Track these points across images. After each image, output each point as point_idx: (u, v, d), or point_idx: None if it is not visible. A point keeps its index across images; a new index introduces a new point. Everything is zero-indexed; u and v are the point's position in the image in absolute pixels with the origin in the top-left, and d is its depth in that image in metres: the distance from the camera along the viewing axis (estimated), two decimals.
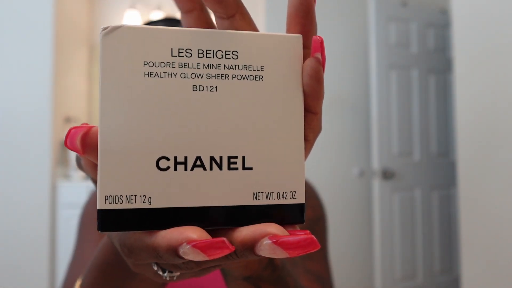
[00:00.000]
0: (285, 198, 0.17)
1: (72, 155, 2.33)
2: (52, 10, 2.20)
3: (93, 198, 0.59)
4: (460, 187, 1.50)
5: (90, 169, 0.19)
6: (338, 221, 2.39)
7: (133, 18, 2.68)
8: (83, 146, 0.17)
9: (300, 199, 0.18)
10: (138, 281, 0.27)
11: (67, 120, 2.41)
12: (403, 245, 2.28)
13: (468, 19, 1.47)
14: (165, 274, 0.22)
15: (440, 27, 2.46)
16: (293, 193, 0.18)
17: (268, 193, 0.17)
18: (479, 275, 1.40)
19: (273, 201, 0.17)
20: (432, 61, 2.42)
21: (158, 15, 2.68)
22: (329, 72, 2.48)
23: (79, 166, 0.23)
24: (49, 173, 2.17)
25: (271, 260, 0.28)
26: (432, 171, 2.39)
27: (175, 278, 0.23)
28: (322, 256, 0.55)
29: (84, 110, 2.72)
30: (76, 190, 2.24)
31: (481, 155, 1.41)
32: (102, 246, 0.29)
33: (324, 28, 2.50)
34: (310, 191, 0.60)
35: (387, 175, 2.23)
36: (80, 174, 2.34)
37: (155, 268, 0.22)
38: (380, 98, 2.24)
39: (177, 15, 2.72)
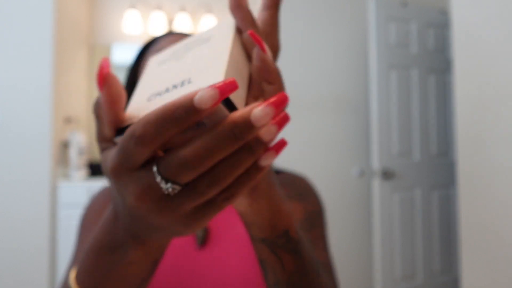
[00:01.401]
0: None
1: (72, 155, 2.33)
2: (52, 10, 2.20)
3: (93, 202, 0.60)
4: (460, 187, 1.50)
5: (104, 110, 0.23)
6: (339, 221, 2.39)
7: (133, 18, 2.68)
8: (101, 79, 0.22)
9: None
10: (128, 263, 0.27)
11: (67, 120, 2.41)
12: (403, 245, 2.28)
13: (467, 20, 1.47)
14: (168, 185, 0.21)
15: (440, 27, 2.46)
16: None
17: None
18: (479, 275, 1.40)
19: None
20: (432, 61, 2.42)
21: (159, 16, 2.68)
22: (330, 73, 2.48)
23: (96, 112, 0.25)
24: (49, 173, 2.17)
25: (286, 232, 0.33)
26: (432, 171, 2.39)
27: (176, 191, 0.22)
28: (324, 246, 0.58)
29: (84, 110, 2.71)
30: (76, 190, 2.24)
31: (480, 155, 1.41)
32: (96, 232, 0.29)
33: (324, 29, 2.50)
34: (309, 188, 0.63)
35: (387, 175, 2.23)
36: (80, 174, 2.34)
37: (158, 179, 0.21)
38: (380, 98, 2.25)
39: (177, 15, 2.72)
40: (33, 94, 2.17)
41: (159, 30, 2.72)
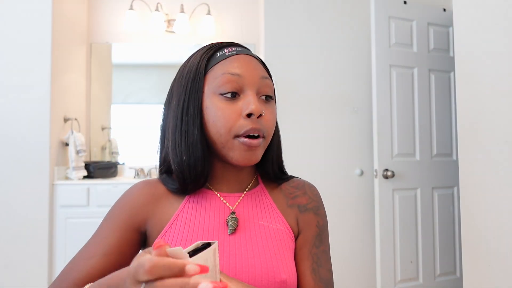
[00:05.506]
0: None
1: (71, 155, 2.32)
2: (51, 10, 2.20)
3: (127, 193, 0.67)
4: (461, 187, 1.48)
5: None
6: (342, 223, 2.37)
7: (132, 18, 2.68)
8: None
9: None
10: None
11: (66, 120, 2.41)
12: (404, 246, 2.26)
13: (469, 18, 1.46)
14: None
15: (442, 26, 2.44)
16: None
17: None
18: (480, 275, 1.38)
19: None
20: (434, 60, 2.41)
21: (158, 16, 2.68)
22: (333, 74, 2.47)
23: None
24: (48, 172, 2.16)
25: None
26: (434, 171, 2.37)
27: None
28: (327, 261, 0.66)
29: (82, 109, 2.71)
30: (75, 189, 2.23)
31: (481, 155, 1.39)
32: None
33: (326, 29, 2.49)
34: (320, 199, 0.72)
35: (389, 175, 2.21)
36: (78, 174, 2.33)
37: None
38: (382, 98, 2.23)
39: (178, 15, 2.71)
40: (32, 94, 2.16)
41: (158, 30, 2.71)
